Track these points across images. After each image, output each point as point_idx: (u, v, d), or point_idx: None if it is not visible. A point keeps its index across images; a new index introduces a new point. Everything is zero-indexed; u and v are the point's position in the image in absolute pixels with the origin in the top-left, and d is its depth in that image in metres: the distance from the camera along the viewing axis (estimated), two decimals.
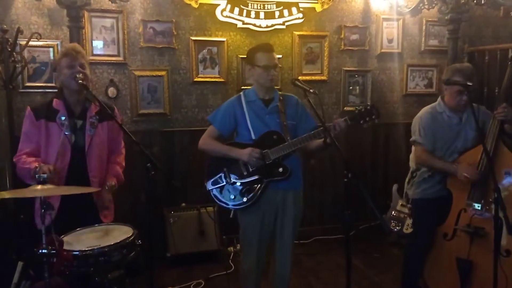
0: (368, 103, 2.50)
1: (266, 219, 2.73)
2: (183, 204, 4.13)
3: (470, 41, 4.91)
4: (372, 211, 4.54)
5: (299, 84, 2.50)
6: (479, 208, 2.78)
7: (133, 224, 2.62)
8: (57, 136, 2.51)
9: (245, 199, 2.66)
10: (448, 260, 2.89)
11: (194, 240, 3.98)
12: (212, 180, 2.76)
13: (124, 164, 2.90)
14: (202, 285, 3.58)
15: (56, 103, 2.57)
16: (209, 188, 2.76)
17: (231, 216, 2.76)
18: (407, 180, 3.35)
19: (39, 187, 1.99)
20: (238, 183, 2.68)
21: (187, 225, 4.01)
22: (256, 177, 2.65)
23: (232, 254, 4.14)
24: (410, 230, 4.42)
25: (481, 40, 5.03)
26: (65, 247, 2.14)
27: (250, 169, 2.66)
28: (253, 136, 2.70)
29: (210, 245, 4.01)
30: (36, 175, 2.06)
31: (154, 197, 3.02)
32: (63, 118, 2.52)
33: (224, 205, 2.74)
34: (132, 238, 2.33)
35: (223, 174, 2.72)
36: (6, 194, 2.10)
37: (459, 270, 2.85)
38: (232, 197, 2.70)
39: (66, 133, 2.51)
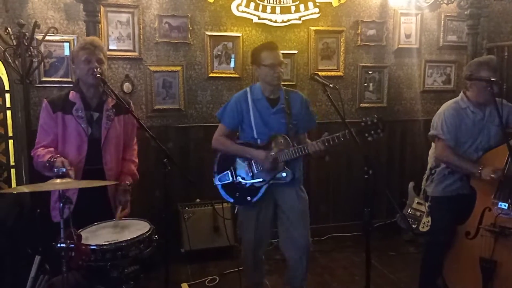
0: (375, 115, 2.42)
1: (265, 215, 2.84)
2: (198, 200, 4.12)
3: (489, 37, 4.82)
4: (388, 208, 4.53)
5: (319, 79, 2.47)
6: (506, 207, 2.72)
7: (148, 219, 2.63)
8: (74, 129, 2.52)
9: (248, 198, 2.78)
10: (470, 259, 2.83)
11: (208, 236, 3.97)
12: (219, 176, 2.86)
13: (137, 160, 2.91)
14: (217, 281, 3.57)
15: (72, 95, 2.57)
16: (216, 183, 2.86)
17: (235, 212, 2.89)
18: (425, 177, 3.30)
19: (58, 180, 1.99)
20: (243, 183, 2.79)
21: (202, 221, 4.00)
22: (261, 179, 2.76)
23: None
24: (426, 229, 4.35)
25: (500, 36, 4.92)
26: (83, 241, 2.13)
27: (255, 171, 2.77)
28: (255, 136, 2.78)
29: (224, 241, 3.97)
30: (55, 169, 2.05)
31: (167, 191, 3.00)
32: (79, 111, 2.53)
33: (229, 200, 2.87)
34: (149, 233, 2.33)
35: (229, 172, 2.82)
36: (24, 188, 2.10)
37: (482, 269, 2.79)
38: (237, 195, 2.81)
39: (82, 125, 2.52)
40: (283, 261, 3.27)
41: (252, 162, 2.78)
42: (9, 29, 3.48)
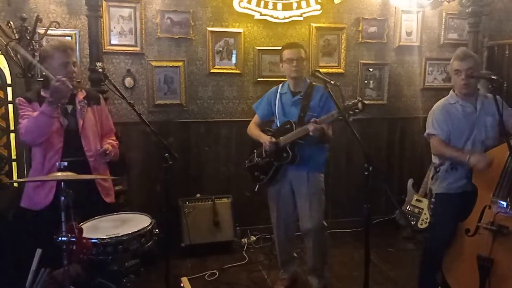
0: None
1: (284, 191, 3.22)
2: (198, 195, 4.15)
3: (490, 35, 4.81)
4: (387, 205, 4.55)
5: (319, 75, 2.49)
6: (504, 206, 2.72)
7: (148, 213, 2.65)
8: None
9: (262, 177, 3.22)
10: (469, 256, 2.84)
11: (209, 231, 4.00)
12: (248, 159, 3.33)
13: (118, 143, 2.99)
14: (216, 275, 3.59)
15: (44, 92, 2.63)
16: (246, 165, 3.34)
17: (255, 189, 3.26)
18: (431, 176, 3.29)
19: (59, 174, 2.01)
20: (259, 163, 3.22)
21: (202, 215, 4.03)
22: (268, 159, 3.16)
23: (245, 245, 4.15)
24: (425, 226, 4.39)
25: (501, 34, 4.92)
26: (84, 235, 2.15)
27: (266, 153, 3.16)
28: (278, 124, 3.20)
29: (225, 236, 4.03)
30: (57, 163, 2.06)
31: (167, 186, 3.02)
32: None
33: (251, 180, 3.32)
34: (150, 227, 2.35)
35: (254, 155, 3.29)
36: (26, 179, 2.11)
37: (479, 267, 2.80)
38: (256, 174, 3.26)
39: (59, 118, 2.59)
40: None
41: None
42: (11, 22, 3.48)
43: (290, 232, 3.36)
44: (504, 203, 2.72)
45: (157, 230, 2.43)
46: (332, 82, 2.43)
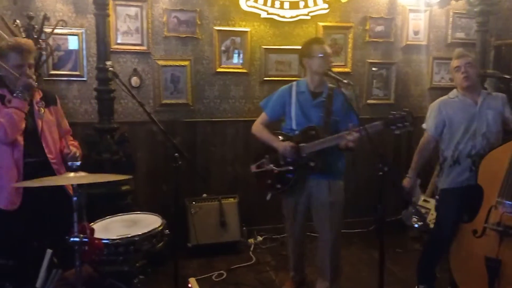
0: (406, 109, 2.47)
1: (300, 201, 2.97)
2: (204, 195, 4.12)
3: (497, 35, 4.80)
4: (394, 205, 4.51)
5: (332, 74, 2.47)
6: (510, 205, 2.70)
7: (155, 213, 2.63)
8: None
9: (278, 186, 2.91)
10: (477, 258, 2.82)
11: (215, 231, 3.97)
12: (256, 164, 3.00)
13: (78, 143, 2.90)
14: (224, 276, 3.57)
15: (1, 90, 2.54)
16: (253, 171, 3.01)
17: (267, 198, 2.96)
18: (436, 173, 3.30)
19: (71, 174, 1.99)
20: (275, 171, 2.89)
21: (208, 215, 4.00)
22: (290, 167, 2.84)
23: (252, 246, 4.13)
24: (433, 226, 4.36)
25: (508, 33, 4.90)
26: (97, 235, 2.14)
27: (287, 160, 2.84)
28: (294, 126, 2.88)
29: (231, 236, 4.01)
30: (69, 163, 2.04)
31: (177, 186, 3.01)
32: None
33: (261, 187, 3.01)
34: (161, 228, 2.33)
35: (265, 160, 2.95)
36: (39, 183, 2.07)
37: (488, 268, 2.77)
38: (269, 182, 2.93)
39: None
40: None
41: None
42: (17, 21, 3.46)
43: (304, 238, 3.26)
44: (510, 203, 2.70)
45: (167, 231, 2.41)
46: (345, 81, 2.41)
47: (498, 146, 2.92)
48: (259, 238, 4.22)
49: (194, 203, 4.00)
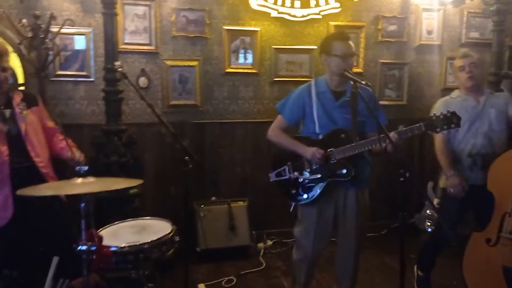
0: (448, 109, 2.36)
1: (326, 213, 2.65)
2: (213, 198, 4.04)
3: None
4: (407, 209, 4.38)
5: (349, 75, 2.36)
6: None
7: (163, 217, 2.55)
8: None
9: (305, 196, 2.60)
10: (493, 267, 2.71)
11: (225, 235, 3.88)
12: (275, 172, 2.69)
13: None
14: (234, 282, 3.48)
15: None
16: (272, 180, 2.71)
17: (291, 210, 2.71)
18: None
19: (79, 180, 1.90)
20: (301, 179, 2.61)
21: (218, 219, 3.91)
22: (318, 175, 2.56)
23: (262, 250, 4.04)
24: None
25: None
26: (105, 243, 2.06)
27: (313, 167, 2.57)
28: (317, 130, 2.60)
29: (241, 240, 3.92)
30: (77, 167, 1.96)
31: (187, 190, 2.93)
32: None
33: (285, 197, 2.69)
34: (171, 234, 2.24)
35: (287, 168, 2.65)
36: (48, 191, 1.99)
37: (507, 280, 2.67)
38: (294, 191, 2.64)
39: None
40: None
41: None
42: (24, 20, 3.39)
43: (318, 254, 2.83)
44: None
45: (177, 237, 2.32)
46: (363, 82, 2.30)
47: (501, 145, 2.90)
48: (269, 242, 4.13)
49: (202, 206, 3.92)
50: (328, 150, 2.51)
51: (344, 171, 2.51)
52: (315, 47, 4.20)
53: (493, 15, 4.05)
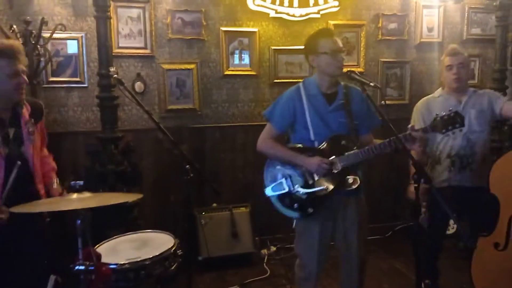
0: (451, 109, 2.21)
1: (326, 225, 2.45)
2: (215, 204, 3.92)
3: None
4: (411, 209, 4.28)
5: (356, 76, 2.25)
6: None
7: (162, 224, 2.43)
8: None
9: (310, 210, 2.37)
10: (504, 272, 2.59)
11: (227, 243, 3.77)
12: (272, 186, 2.44)
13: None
14: None
15: None
16: (269, 195, 2.46)
17: (293, 226, 2.50)
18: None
19: (74, 195, 1.79)
20: (303, 192, 2.37)
21: (219, 226, 3.80)
22: (323, 187, 2.35)
23: (266, 257, 3.93)
24: (452, 231, 4.17)
25: None
26: (103, 259, 1.94)
27: (316, 178, 2.35)
28: (312, 137, 2.39)
29: (244, 247, 3.81)
30: (72, 182, 1.84)
31: (189, 200, 2.83)
32: None
33: (285, 213, 2.44)
34: (174, 248, 2.13)
35: (285, 181, 2.42)
36: (42, 208, 1.86)
37: None
38: (296, 206, 2.39)
39: None
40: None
41: None
42: (14, 26, 3.27)
43: (321, 269, 2.59)
44: None
45: (180, 251, 2.21)
46: (371, 84, 2.19)
47: (481, 144, 2.84)
48: (273, 249, 4.02)
49: (203, 213, 3.80)
50: (331, 158, 2.32)
51: (351, 180, 2.33)
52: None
53: (496, 10, 3.98)
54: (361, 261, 2.52)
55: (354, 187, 2.33)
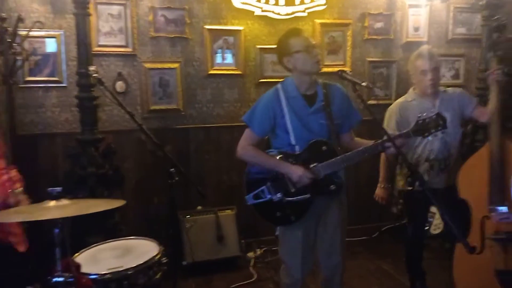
0: (433, 110, 2.17)
1: (308, 227, 2.38)
2: (199, 207, 3.82)
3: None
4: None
5: (348, 76, 2.19)
6: (506, 210, 2.52)
7: (145, 228, 2.33)
8: None
9: (293, 218, 2.30)
10: (485, 274, 2.58)
11: (212, 246, 3.68)
12: (253, 193, 2.34)
13: None
14: None
15: None
16: (250, 203, 2.36)
17: (276, 233, 2.41)
18: (398, 172, 3.08)
19: (52, 203, 1.68)
20: (285, 201, 2.28)
21: (204, 230, 3.70)
22: (306, 195, 2.26)
23: (252, 260, 3.84)
24: (438, 231, 4.16)
25: (510, 28, 4.72)
26: (83, 269, 1.84)
27: (298, 185, 2.25)
28: (292, 141, 2.30)
29: (230, 251, 3.72)
30: (49, 189, 1.72)
31: (173, 203, 2.73)
32: None
33: (267, 221, 2.38)
34: (158, 256, 2.03)
35: (266, 189, 2.31)
36: (17, 217, 1.73)
37: (501, 282, 2.55)
38: (278, 215, 2.31)
39: None
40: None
41: None
42: None
43: (305, 276, 2.52)
44: (504, 208, 2.52)
45: (165, 259, 2.11)
46: (363, 84, 2.13)
47: (455, 145, 2.87)
48: (259, 251, 3.94)
49: (188, 216, 3.70)
50: (312, 166, 2.22)
51: (333, 187, 2.26)
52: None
53: (482, 9, 3.95)
54: (342, 264, 2.48)
55: (336, 193, 2.30)
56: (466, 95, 2.92)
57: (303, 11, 4.00)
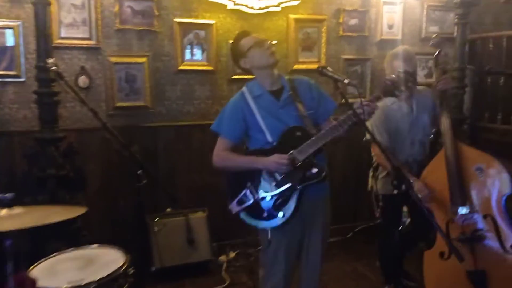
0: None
1: (294, 230, 2.28)
2: (169, 209, 3.65)
3: (470, 28, 4.61)
4: (371, 210, 4.22)
5: (329, 73, 2.09)
6: (468, 211, 2.52)
7: (111, 232, 2.15)
8: None
9: (281, 214, 2.17)
10: (457, 278, 2.54)
11: (183, 251, 3.52)
12: (236, 200, 2.22)
13: None
14: None
15: None
16: (235, 211, 2.24)
17: (269, 237, 2.23)
18: (371, 173, 3.11)
19: (3, 212, 1.48)
20: (269, 197, 2.18)
21: (174, 233, 3.53)
22: (288, 185, 2.17)
23: (225, 264, 3.69)
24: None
25: (481, 27, 4.77)
26: (39, 284, 1.64)
27: (279, 178, 2.18)
28: (269, 139, 2.24)
29: (201, 255, 3.57)
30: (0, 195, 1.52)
31: (140, 206, 2.56)
32: None
33: (257, 226, 2.25)
34: (124, 267, 1.85)
35: (248, 191, 2.21)
36: None
37: (474, 283, 2.52)
38: (266, 215, 2.20)
39: None
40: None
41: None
42: None
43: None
44: (465, 208, 2.52)
45: (132, 269, 1.94)
46: (345, 81, 2.04)
47: (429, 146, 2.92)
48: (232, 255, 3.79)
49: (157, 220, 3.52)
50: (289, 153, 2.15)
51: (315, 170, 2.16)
52: (274, 41, 3.90)
53: (456, 7, 3.95)
54: (321, 264, 2.43)
55: (319, 178, 2.16)
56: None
57: (277, 6, 3.88)
